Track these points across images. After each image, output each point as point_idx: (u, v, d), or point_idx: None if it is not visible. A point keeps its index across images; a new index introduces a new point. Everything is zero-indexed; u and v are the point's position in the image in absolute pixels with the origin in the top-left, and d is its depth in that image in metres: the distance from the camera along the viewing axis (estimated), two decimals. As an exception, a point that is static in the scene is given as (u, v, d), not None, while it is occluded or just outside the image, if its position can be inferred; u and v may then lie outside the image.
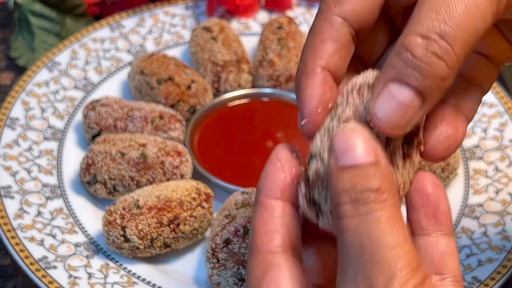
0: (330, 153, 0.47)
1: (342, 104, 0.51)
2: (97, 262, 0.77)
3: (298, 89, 0.53)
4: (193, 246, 0.80)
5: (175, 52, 1.02)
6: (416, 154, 0.52)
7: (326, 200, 0.49)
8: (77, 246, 0.78)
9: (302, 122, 0.52)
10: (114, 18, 1.04)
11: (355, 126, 0.48)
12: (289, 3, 1.07)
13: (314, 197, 0.50)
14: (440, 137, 0.53)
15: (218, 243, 0.73)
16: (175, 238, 0.77)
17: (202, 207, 0.77)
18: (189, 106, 0.91)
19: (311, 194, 0.50)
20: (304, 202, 0.51)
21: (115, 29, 1.03)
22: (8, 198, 0.81)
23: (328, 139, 0.50)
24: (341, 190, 0.46)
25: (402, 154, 0.50)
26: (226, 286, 0.73)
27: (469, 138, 0.90)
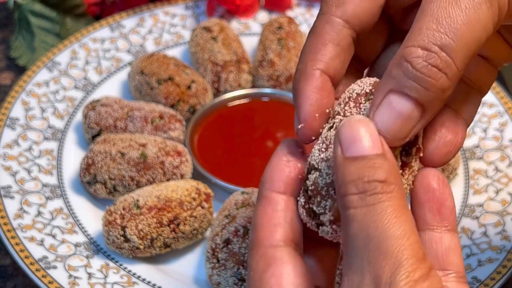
0: (336, 143, 0.47)
1: (340, 113, 0.50)
2: (97, 262, 0.77)
3: (296, 91, 0.52)
4: (193, 246, 0.80)
5: (175, 52, 1.02)
6: (415, 161, 0.52)
7: (325, 210, 0.49)
8: (77, 246, 0.78)
9: (299, 126, 0.52)
10: (114, 18, 1.04)
11: (362, 117, 0.47)
12: (289, 3, 1.07)
13: (314, 208, 0.50)
14: (439, 143, 0.53)
15: (218, 243, 0.73)
16: (175, 238, 0.77)
17: (202, 207, 0.77)
18: (189, 106, 0.91)
19: (310, 205, 0.50)
20: (303, 213, 0.51)
21: (115, 29, 1.03)
22: (8, 198, 0.81)
23: (326, 150, 0.50)
24: (348, 181, 0.46)
25: (400, 162, 0.50)
26: (226, 286, 0.73)
27: (469, 138, 0.90)
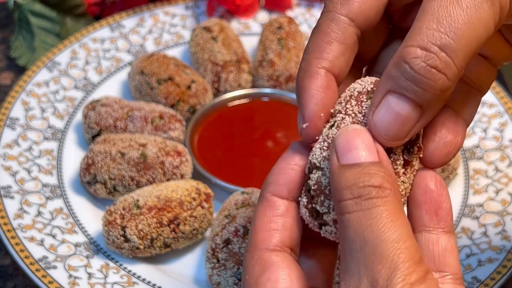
0: (332, 152, 0.47)
1: (341, 112, 0.50)
2: (97, 262, 0.77)
3: (300, 90, 0.51)
4: (193, 246, 0.80)
5: (175, 52, 1.02)
6: (416, 160, 0.52)
7: (329, 210, 0.49)
8: (77, 246, 0.78)
9: (304, 125, 0.51)
10: (114, 18, 1.04)
11: (358, 127, 0.48)
12: (289, 3, 1.07)
13: (317, 207, 0.50)
14: (439, 143, 0.53)
15: (218, 243, 0.73)
16: (175, 238, 0.77)
17: (202, 207, 0.77)
18: (189, 106, 0.91)
19: (313, 205, 0.50)
20: (306, 213, 0.50)
21: (115, 29, 1.03)
22: (8, 198, 0.81)
23: (327, 148, 0.49)
24: (343, 187, 0.46)
25: (403, 161, 0.50)
26: (226, 286, 0.73)
27: (469, 138, 0.90)
